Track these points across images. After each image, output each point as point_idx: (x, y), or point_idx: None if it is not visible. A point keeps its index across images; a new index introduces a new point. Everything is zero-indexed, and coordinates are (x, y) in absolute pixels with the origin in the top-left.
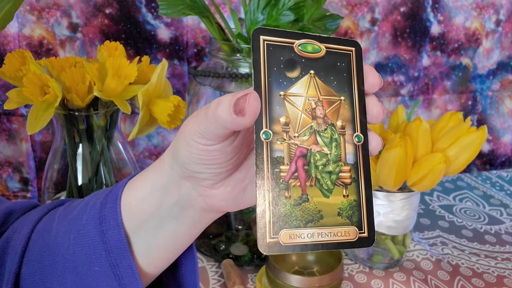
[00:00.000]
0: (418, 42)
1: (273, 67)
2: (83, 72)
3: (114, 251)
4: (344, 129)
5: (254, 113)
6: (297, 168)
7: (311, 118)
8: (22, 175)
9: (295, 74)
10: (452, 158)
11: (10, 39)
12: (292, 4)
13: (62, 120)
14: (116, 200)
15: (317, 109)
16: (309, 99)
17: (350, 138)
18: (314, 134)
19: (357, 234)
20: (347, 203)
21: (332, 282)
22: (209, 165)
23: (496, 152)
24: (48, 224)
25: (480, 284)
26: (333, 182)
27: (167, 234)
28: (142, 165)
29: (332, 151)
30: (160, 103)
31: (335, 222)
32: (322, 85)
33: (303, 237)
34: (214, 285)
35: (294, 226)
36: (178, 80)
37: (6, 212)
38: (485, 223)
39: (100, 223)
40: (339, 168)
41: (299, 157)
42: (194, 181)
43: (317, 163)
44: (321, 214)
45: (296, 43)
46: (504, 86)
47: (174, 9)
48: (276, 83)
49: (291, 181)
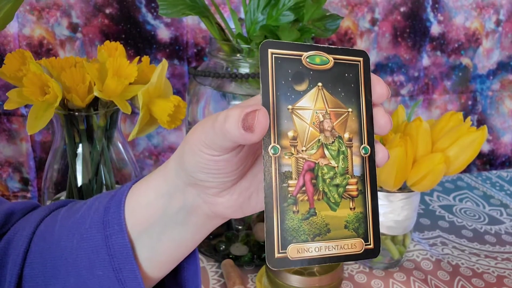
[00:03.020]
0: (418, 42)
1: (281, 80)
2: (83, 72)
3: (118, 256)
4: (351, 141)
5: (263, 130)
6: (305, 182)
7: (319, 131)
8: (22, 175)
9: (303, 87)
10: (452, 158)
11: (10, 39)
12: (292, 4)
13: (62, 120)
14: (120, 204)
15: (324, 122)
16: (316, 112)
17: (357, 150)
18: (321, 148)
19: (363, 246)
20: (353, 216)
21: (332, 282)
22: (215, 175)
23: (496, 152)
24: (50, 226)
25: (480, 284)
26: (340, 195)
27: (171, 240)
28: (142, 165)
29: (339, 164)
30: (160, 103)
31: (342, 235)
32: (330, 97)
33: (311, 251)
34: (214, 285)
35: (302, 240)
36: (178, 80)
37: (7, 213)
38: (485, 223)
39: (104, 227)
40: (346, 181)
41: (307, 171)
42: (200, 189)
43: (325, 177)
44: (328, 228)
45: (304, 55)
46: (504, 86)
47: (174, 9)
48: (284, 97)
49: (299, 196)
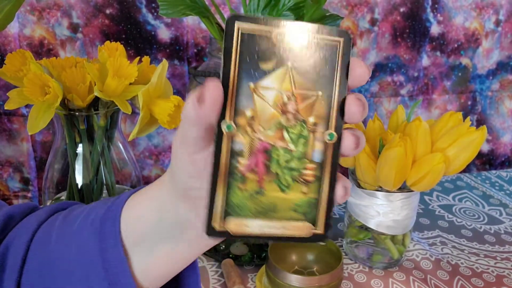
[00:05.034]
0: (418, 42)
1: (246, 57)
2: (83, 72)
3: (113, 269)
4: (316, 126)
5: (214, 100)
6: (257, 162)
7: (281, 113)
8: (22, 175)
9: (270, 66)
10: (452, 158)
11: (11, 39)
12: (292, 4)
13: (63, 120)
14: (116, 218)
15: (288, 104)
16: (281, 93)
17: (321, 136)
18: (281, 130)
19: (311, 230)
20: (305, 200)
21: (332, 282)
22: (197, 178)
23: (495, 152)
24: (47, 234)
25: (480, 283)
26: (294, 178)
27: (165, 254)
28: (142, 165)
29: (298, 148)
30: (161, 103)
31: (288, 216)
32: (299, 78)
33: (251, 227)
34: (214, 285)
35: (243, 215)
36: (178, 80)
37: (6, 218)
38: (484, 223)
39: (100, 240)
40: (303, 166)
41: (262, 151)
42: (191, 202)
43: (280, 159)
44: (275, 208)
45: (275, 32)
46: (503, 86)
47: (174, 9)
48: (247, 74)
49: (248, 174)
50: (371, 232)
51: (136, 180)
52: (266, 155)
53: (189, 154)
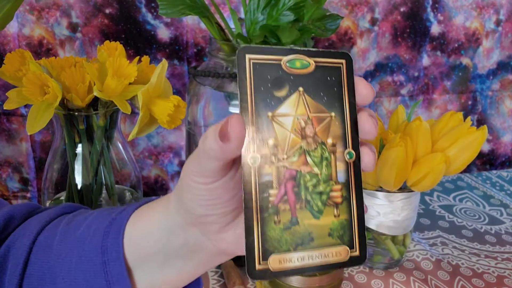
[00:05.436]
0: (418, 42)
1: (260, 87)
2: (83, 72)
3: (115, 283)
4: (335, 146)
5: (239, 136)
6: (287, 191)
7: (301, 137)
8: (22, 175)
9: (283, 93)
10: (452, 158)
11: (10, 39)
12: (292, 4)
13: (62, 120)
14: (120, 231)
15: (306, 128)
16: (298, 118)
17: (341, 156)
18: (304, 155)
19: (349, 253)
20: (338, 223)
21: (332, 282)
22: (213, 206)
23: (496, 152)
24: (49, 239)
25: (480, 284)
26: (323, 202)
27: (172, 271)
28: (142, 165)
29: (322, 171)
30: (160, 103)
31: (326, 243)
32: (312, 102)
33: (293, 261)
34: (214, 285)
35: (284, 250)
36: (178, 80)
37: (6, 218)
38: (485, 223)
39: (102, 252)
40: (330, 188)
41: (289, 179)
42: (202, 227)
43: (307, 184)
44: (311, 237)
45: (283, 60)
46: (504, 86)
47: (174, 9)
48: (264, 103)
49: (280, 205)
50: (371, 233)
51: (135, 180)
52: (294, 182)
53: (206, 184)
